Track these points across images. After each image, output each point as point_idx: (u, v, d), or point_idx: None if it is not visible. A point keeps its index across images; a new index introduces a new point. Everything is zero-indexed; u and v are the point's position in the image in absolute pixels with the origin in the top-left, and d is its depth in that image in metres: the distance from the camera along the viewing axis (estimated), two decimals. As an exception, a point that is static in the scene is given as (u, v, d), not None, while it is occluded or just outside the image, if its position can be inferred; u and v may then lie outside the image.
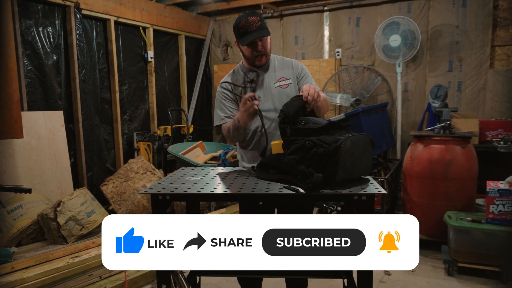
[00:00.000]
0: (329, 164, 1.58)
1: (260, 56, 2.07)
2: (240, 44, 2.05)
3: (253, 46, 2.03)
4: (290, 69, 2.20)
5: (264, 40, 2.05)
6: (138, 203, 4.34)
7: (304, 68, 2.23)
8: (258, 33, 1.98)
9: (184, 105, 5.99)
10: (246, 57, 2.11)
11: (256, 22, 1.99)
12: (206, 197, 1.98)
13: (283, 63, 2.22)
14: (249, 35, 1.98)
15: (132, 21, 4.99)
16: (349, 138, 1.61)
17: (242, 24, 1.99)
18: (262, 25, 2.00)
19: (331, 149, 1.59)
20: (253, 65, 2.12)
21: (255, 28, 1.98)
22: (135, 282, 2.95)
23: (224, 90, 2.15)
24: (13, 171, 3.75)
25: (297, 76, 2.20)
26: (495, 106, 4.53)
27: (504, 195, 2.89)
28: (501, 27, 4.50)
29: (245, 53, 2.08)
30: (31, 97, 4.01)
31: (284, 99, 2.11)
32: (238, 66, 2.23)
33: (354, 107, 4.82)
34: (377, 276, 3.10)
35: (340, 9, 5.31)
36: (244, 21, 1.99)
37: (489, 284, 2.94)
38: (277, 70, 2.18)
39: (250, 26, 1.98)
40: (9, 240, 3.45)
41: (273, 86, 2.14)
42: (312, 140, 1.67)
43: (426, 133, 3.58)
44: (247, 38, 1.99)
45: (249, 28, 1.98)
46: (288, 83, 2.16)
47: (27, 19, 3.94)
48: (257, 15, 2.02)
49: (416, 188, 3.54)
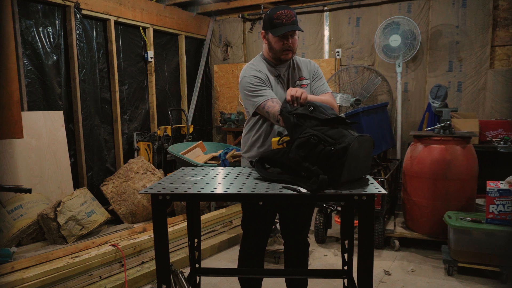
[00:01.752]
0: (335, 165, 1.57)
1: (288, 51, 2.07)
2: (272, 34, 2.02)
3: (285, 39, 2.03)
4: (307, 69, 2.23)
5: (295, 36, 2.07)
6: (138, 203, 4.34)
7: (319, 69, 2.27)
8: (293, 26, 1.99)
9: (184, 105, 5.99)
10: (273, 49, 2.09)
11: (292, 16, 2.00)
12: (206, 197, 1.98)
13: (302, 63, 2.25)
14: (284, 27, 1.98)
15: (132, 21, 4.99)
16: (357, 140, 1.60)
17: (278, 14, 1.99)
18: (296, 21, 2.02)
19: (339, 149, 1.57)
20: (278, 58, 2.12)
21: (290, 22, 1.99)
22: (135, 282, 2.95)
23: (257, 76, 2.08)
24: (13, 171, 3.75)
25: (312, 77, 2.22)
26: (495, 106, 4.54)
27: (504, 195, 2.89)
28: (501, 27, 4.50)
29: (274, 45, 2.06)
30: (31, 97, 4.01)
31: None
32: (259, 57, 2.21)
33: (354, 107, 4.82)
34: (377, 276, 3.10)
35: (340, 9, 5.31)
36: (281, 12, 1.98)
37: (489, 284, 2.95)
38: (298, 69, 2.21)
39: (287, 18, 1.98)
40: (9, 240, 3.45)
41: (295, 84, 2.17)
42: (317, 135, 1.64)
43: (426, 133, 3.58)
44: (281, 29, 1.98)
45: (285, 20, 1.98)
46: (307, 83, 2.19)
47: (27, 19, 3.94)
48: (293, 10, 2.04)
49: (416, 188, 3.54)
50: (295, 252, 2.33)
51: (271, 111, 1.99)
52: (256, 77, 2.08)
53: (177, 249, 3.41)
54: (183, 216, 4.12)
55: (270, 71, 2.15)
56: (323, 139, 1.62)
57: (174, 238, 3.38)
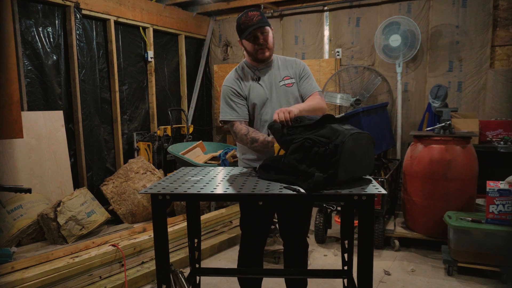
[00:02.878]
0: (330, 164, 1.58)
1: (262, 49, 2.06)
2: (241, 38, 2.05)
3: (255, 39, 2.04)
4: (293, 68, 2.20)
5: (266, 33, 2.05)
6: (138, 203, 4.34)
7: (306, 67, 2.23)
8: (258, 24, 1.99)
9: (184, 105, 5.99)
10: (249, 53, 2.11)
11: (256, 16, 2.01)
12: (206, 197, 1.98)
13: (287, 62, 2.23)
14: (249, 28, 1.99)
15: (132, 21, 4.99)
16: (351, 137, 1.60)
17: (242, 20, 2.01)
18: (262, 19, 2.01)
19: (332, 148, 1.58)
20: (257, 60, 2.11)
21: (255, 21, 1.99)
22: (135, 282, 2.95)
23: (232, 87, 2.13)
24: (13, 171, 3.75)
25: (298, 75, 2.20)
26: (495, 106, 4.53)
27: (504, 195, 2.89)
28: (501, 27, 4.50)
29: (248, 48, 2.08)
30: (31, 97, 4.01)
31: (290, 98, 2.15)
32: (242, 63, 2.23)
33: (354, 107, 4.82)
34: (377, 276, 3.10)
35: (340, 9, 5.31)
36: (244, 17, 2.01)
37: (489, 284, 2.94)
38: (281, 69, 2.19)
39: (250, 20, 2.00)
40: (9, 240, 3.45)
41: (278, 84, 2.16)
42: (311, 138, 1.65)
43: (426, 133, 3.58)
44: (248, 30, 2.00)
45: (250, 22, 2.00)
46: (292, 82, 2.17)
47: (27, 19, 3.94)
48: (257, 10, 2.05)
49: (416, 188, 3.54)
50: (295, 252, 2.32)
51: (238, 133, 2.08)
52: (233, 89, 2.12)
53: (177, 249, 3.41)
54: (183, 216, 4.12)
55: (251, 76, 2.15)
56: (317, 140, 1.63)
57: (174, 238, 3.38)
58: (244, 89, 2.13)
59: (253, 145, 2.02)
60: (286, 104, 2.13)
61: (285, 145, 1.77)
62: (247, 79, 2.15)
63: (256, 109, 2.14)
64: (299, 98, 2.19)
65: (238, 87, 2.13)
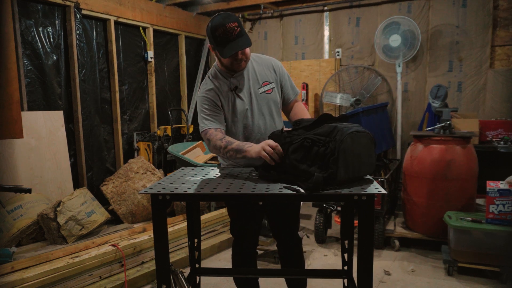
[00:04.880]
0: (330, 162, 1.58)
1: (238, 65, 1.96)
2: (221, 56, 1.90)
3: (232, 57, 1.91)
4: (271, 72, 2.12)
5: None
6: (138, 203, 4.34)
7: (282, 68, 2.16)
8: (238, 44, 1.84)
9: (184, 105, 5.99)
10: (225, 65, 1.99)
11: (235, 29, 1.83)
12: (206, 197, 1.98)
13: (263, 64, 2.12)
14: (229, 45, 1.84)
15: (132, 21, 4.99)
16: (349, 135, 1.60)
17: (219, 32, 1.83)
18: (241, 32, 1.85)
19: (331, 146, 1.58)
20: (232, 70, 2.02)
21: (234, 36, 1.83)
22: (135, 282, 2.95)
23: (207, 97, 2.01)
24: (13, 171, 3.75)
25: (278, 80, 2.13)
26: (495, 106, 4.53)
27: (504, 195, 2.89)
28: (501, 27, 4.50)
29: (224, 61, 1.96)
30: (31, 97, 4.01)
31: (271, 104, 2.09)
32: (214, 69, 2.08)
33: (354, 107, 4.83)
34: (377, 276, 3.10)
35: (340, 9, 5.31)
36: (222, 29, 1.82)
37: (489, 284, 2.94)
38: (258, 73, 2.08)
39: (230, 34, 1.82)
40: (9, 240, 3.45)
41: (257, 92, 2.06)
42: (310, 138, 1.66)
43: (426, 133, 3.58)
44: (227, 50, 1.84)
45: (229, 36, 1.82)
46: (271, 87, 2.09)
47: (27, 19, 3.94)
48: (234, 19, 1.85)
49: (416, 188, 3.54)
50: (290, 249, 2.31)
51: (212, 139, 1.95)
52: (207, 99, 1.99)
53: (177, 249, 3.41)
54: (183, 216, 4.12)
55: (227, 85, 2.03)
56: (316, 140, 1.64)
57: (174, 238, 3.38)
58: (223, 102, 2.02)
59: (226, 149, 1.91)
60: (267, 112, 2.07)
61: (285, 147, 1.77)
62: (223, 88, 2.03)
63: (238, 120, 2.06)
64: (279, 104, 2.14)
65: (213, 97, 2.01)
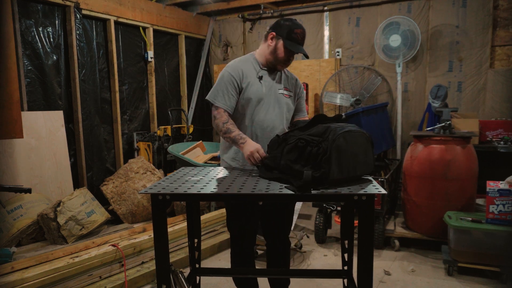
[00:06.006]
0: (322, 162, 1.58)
1: (286, 64, 2.20)
2: (287, 46, 2.10)
3: (290, 55, 2.15)
4: (294, 86, 2.31)
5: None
6: (138, 203, 4.34)
7: (302, 89, 2.39)
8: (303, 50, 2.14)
9: (184, 105, 5.99)
10: (275, 55, 2.15)
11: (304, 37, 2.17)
12: (206, 197, 1.98)
13: (291, 76, 2.34)
14: (298, 46, 2.13)
15: (132, 21, 4.99)
16: (341, 135, 1.60)
17: (297, 32, 2.11)
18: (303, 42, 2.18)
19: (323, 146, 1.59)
20: (273, 65, 2.20)
21: (302, 43, 2.15)
22: (135, 282, 2.95)
23: (234, 77, 2.15)
24: (13, 171, 3.75)
25: (297, 95, 2.33)
26: (495, 106, 4.53)
27: (504, 195, 2.89)
28: (501, 27, 4.50)
29: (279, 52, 2.14)
30: (31, 97, 4.01)
31: (283, 106, 2.23)
32: (250, 56, 2.28)
33: (354, 107, 4.82)
34: (377, 276, 3.10)
35: (340, 9, 5.31)
36: (301, 31, 2.12)
37: (489, 284, 2.94)
38: (284, 80, 2.28)
39: (302, 38, 2.15)
40: (9, 240, 3.45)
41: (277, 90, 2.22)
42: (304, 138, 1.69)
43: (426, 133, 3.58)
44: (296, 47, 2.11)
45: (301, 40, 2.14)
46: (290, 95, 2.27)
47: (27, 19, 3.94)
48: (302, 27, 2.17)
49: (416, 188, 3.54)
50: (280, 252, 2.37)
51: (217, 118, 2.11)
52: (233, 80, 2.14)
53: (177, 249, 3.41)
54: (183, 216, 4.12)
55: (255, 72, 2.20)
56: (310, 140, 1.66)
57: (174, 238, 3.38)
58: (244, 82, 2.15)
59: (225, 135, 2.08)
60: (278, 110, 2.20)
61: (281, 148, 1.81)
62: (250, 74, 2.19)
63: (250, 106, 2.15)
64: (292, 111, 2.31)
65: (239, 79, 2.15)
